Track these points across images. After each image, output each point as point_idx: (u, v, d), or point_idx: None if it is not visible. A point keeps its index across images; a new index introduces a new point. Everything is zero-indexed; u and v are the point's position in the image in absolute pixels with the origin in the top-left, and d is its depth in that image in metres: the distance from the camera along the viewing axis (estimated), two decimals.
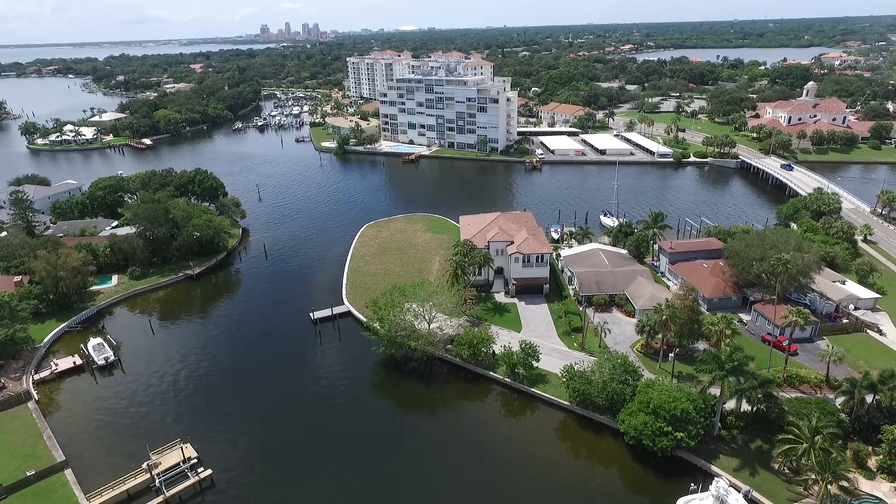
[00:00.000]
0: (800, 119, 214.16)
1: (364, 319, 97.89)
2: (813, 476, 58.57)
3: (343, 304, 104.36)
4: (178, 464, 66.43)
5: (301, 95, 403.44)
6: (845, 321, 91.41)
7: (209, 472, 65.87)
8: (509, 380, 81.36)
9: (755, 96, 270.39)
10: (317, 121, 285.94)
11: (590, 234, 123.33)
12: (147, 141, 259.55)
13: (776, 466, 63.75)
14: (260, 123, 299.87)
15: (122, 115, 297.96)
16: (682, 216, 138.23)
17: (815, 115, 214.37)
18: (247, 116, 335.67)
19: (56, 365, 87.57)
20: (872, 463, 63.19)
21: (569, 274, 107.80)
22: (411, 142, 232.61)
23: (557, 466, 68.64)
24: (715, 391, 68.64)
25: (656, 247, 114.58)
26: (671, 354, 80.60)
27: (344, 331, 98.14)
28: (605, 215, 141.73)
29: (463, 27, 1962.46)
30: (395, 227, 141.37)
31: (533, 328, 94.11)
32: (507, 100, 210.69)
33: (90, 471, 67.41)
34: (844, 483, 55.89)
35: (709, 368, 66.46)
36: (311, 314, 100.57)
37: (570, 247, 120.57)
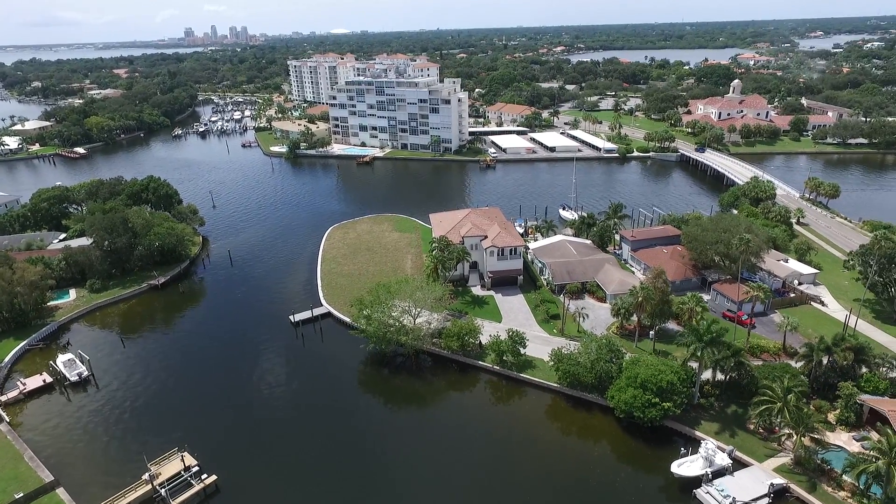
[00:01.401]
0: (728, 114, 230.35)
1: (346, 319, 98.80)
2: (787, 431, 64.98)
3: (322, 305, 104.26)
4: (179, 473, 65.20)
5: (241, 100, 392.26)
6: (792, 295, 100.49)
7: (214, 477, 65.07)
8: (498, 367, 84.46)
9: (685, 94, 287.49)
10: (262, 125, 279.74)
11: (553, 227, 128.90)
12: (80, 150, 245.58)
13: (752, 427, 70.03)
14: (201, 129, 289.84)
15: (48, 123, 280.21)
16: (635, 207, 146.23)
17: (741, 111, 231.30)
18: (184, 122, 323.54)
19: (24, 384, 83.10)
20: (832, 417, 70.54)
21: (539, 265, 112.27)
22: (363, 144, 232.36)
23: (554, 445, 72.30)
24: (692, 364, 74.37)
25: (618, 236, 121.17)
26: (651, 333, 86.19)
27: (325, 331, 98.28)
28: (564, 209, 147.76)
29: (396, 30, 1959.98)
30: (362, 227, 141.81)
31: (512, 318, 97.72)
32: (459, 100, 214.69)
33: (85, 488, 65.01)
34: (816, 435, 62.44)
35: (689, 341, 72.08)
36: (290, 317, 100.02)
37: (536, 240, 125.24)
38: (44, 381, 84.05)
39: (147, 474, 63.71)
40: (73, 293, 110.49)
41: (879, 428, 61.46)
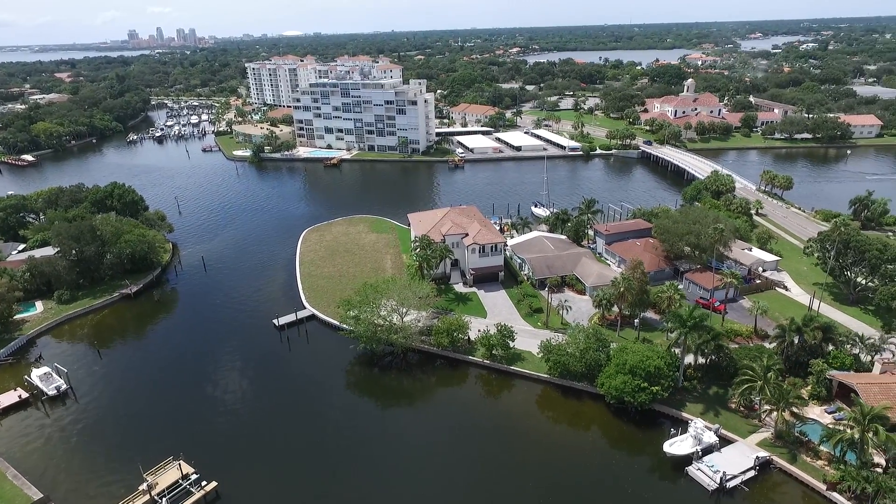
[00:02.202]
0: (684, 112, 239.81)
1: (331, 321, 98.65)
2: (767, 407, 69.00)
3: (305, 307, 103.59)
4: (177, 481, 63.99)
5: (196, 104, 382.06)
6: (758, 282, 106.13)
7: (214, 484, 64.14)
8: (488, 361, 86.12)
9: (641, 93, 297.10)
10: (222, 129, 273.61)
11: (529, 224, 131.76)
12: (28, 157, 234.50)
13: (734, 406, 73.96)
14: (158, 134, 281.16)
15: None
16: (604, 202, 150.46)
17: (696, 109, 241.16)
18: (137, 127, 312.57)
19: None
20: (804, 393, 75.02)
21: (519, 261, 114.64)
22: (329, 146, 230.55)
23: (548, 432, 74.48)
24: (675, 350, 77.85)
25: (591, 231, 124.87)
26: (636, 321, 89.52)
27: (311, 334, 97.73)
28: (536, 206, 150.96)
29: (350, 32, 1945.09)
30: (337, 230, 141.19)
31: (497, 313, 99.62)
32: (425, 101, 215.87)
33: (79, 502, 62.94)
34: (795, 409, 66.59)
35: (673, 327, 75.52)
36: (274, 321, 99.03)
37: (511, 237, 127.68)
38: (19, 396, 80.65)
39: (144, 484, 62.34)
40: (39, 305, 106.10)
41: (854, 399, 66.08)
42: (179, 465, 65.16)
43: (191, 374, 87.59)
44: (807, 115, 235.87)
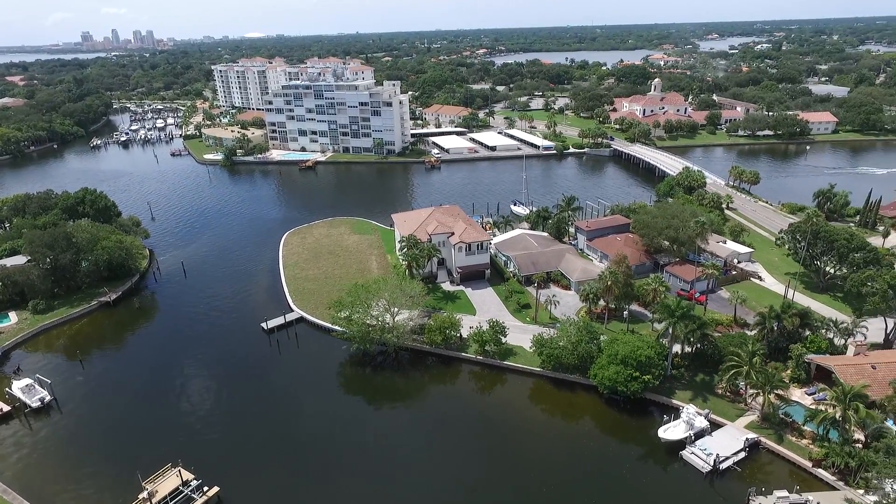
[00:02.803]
0: (652, 111, 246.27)
1: (321, 322, 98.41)
2: (752, 392, 72.03)
3: (293, 310, 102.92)
4: (177, 488, 63.08)
5: (160, 107, 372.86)
6: (734, 273, 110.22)
7: (216, 489, 63.48)
8: (481, 357, 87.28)
9: (609, 93, 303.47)
10: (190, 133, 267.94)
11: (511, 223, 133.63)
12: None
13: (720, 392, 76.93)
14: (123, 139, 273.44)
15: None
16: (581, 199, 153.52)
17: (663, 108, 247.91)
18: (100, 132, 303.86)
19: None
20: (785, 376, 78.54)
21: (504, 258, 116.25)
22: (303, 149, 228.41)
23: (544, 424, 76.11)
24: (663, 340, 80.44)
25: (572, 228, 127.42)
26: (625, 313, 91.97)
27: (300, 336, 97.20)
28: (516, 204, 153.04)
29: (314, 34, 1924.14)
30: (318, 232, 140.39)
31: (486, 310, 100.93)
32: (400, 103, 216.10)
33: None
34: (781, 392, 69.75)
35: (662, 317, 78.08)
36: (262, 324, 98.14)
37: (494, 235, 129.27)
38: (1, 409, 78.00)
39: (144, 493, 61.26)
40: (13, 316, 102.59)
41: (835, 379, 69.63)
42: (179, 471, 64.22)
43: (180, 380, 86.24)
44: (767, 113, 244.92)
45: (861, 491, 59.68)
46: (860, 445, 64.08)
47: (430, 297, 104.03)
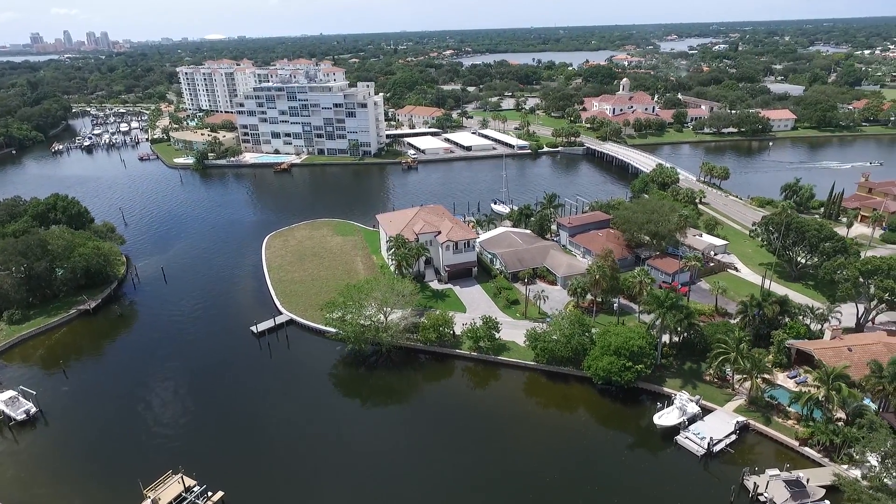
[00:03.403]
0: (621, 110, 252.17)
1: (312, 324, 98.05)
2: (740, 376, 75.04)
3: (282, 313, 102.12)
4: (180, 495, 62.23)
5: (123, 111, 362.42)
6: (711, 265, 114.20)
7: (220, 494, 62.84)
8: (475, 353, 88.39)
9: (578, 93, 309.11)
10: (157, 137, 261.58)
11: (493, 221, 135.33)
12: None
13: (708, 378, 79.91)
14: (86, 143, 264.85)
15: None
16: (560, 197, 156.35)
17: (632, 107, 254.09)
18: (60, 137, 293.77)
19: None
20: (768, 361, 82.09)
21: (489, 256, 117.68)
22: (277, 151, 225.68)
23: (541, 416, 77.70)
24: (652, 331, 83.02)
25: (554, 225, 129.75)
26: (615, 305, 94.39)
27: (291, 339, 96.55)
28: (496, 203, 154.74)
29: (276, 35, 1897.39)
30: (300, 234, 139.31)
31: (476, 307, 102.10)
32: (375, 104, 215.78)
33: None
34: (767, 376, 72.97)
35: (652, 308, 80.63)
36: (252, 328, 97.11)
37: (478, 233, 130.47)
38: None
39: (147, 501, 60.30)
40: None
41: (817, 363, 73.20)
42: (182, 478, 63.33)
43: (171, 386, 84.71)
44: (731, 111, 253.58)
45: (845, 466, 63.05)
46: (842, 423, 67.54)
47: (420, 296, 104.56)
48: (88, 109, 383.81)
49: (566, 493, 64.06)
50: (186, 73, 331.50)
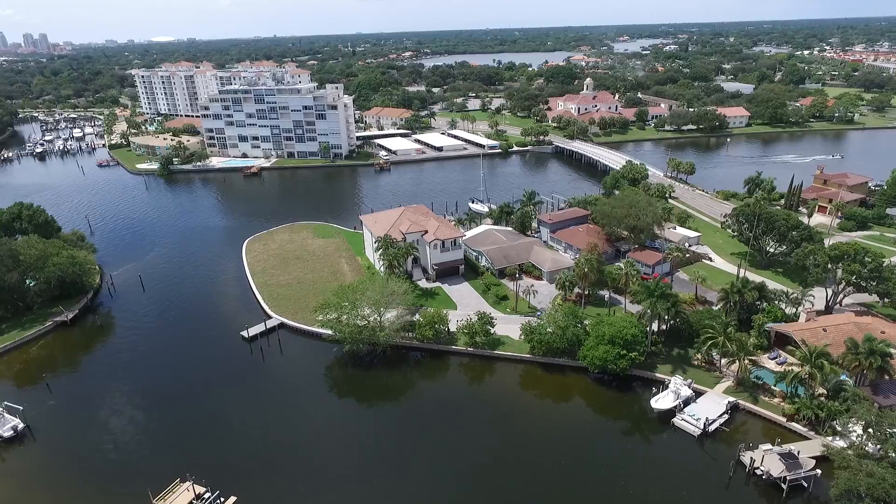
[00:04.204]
0: (586, 109, 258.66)
1: (304, 327, 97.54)
2: (728, 359, 78.92)
3: (272, 316, 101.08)
4: (191, 502, 61.30)
5: (75, 116, 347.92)
6: (688, 255, 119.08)
7: (233, 499, 62.21)
8: (471, 349, 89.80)
9: (542, 93, 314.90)
10: (115, 142, 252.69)
11: (474, 220, 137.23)
12: None
13: (696, 363, 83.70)
14: (38, 150, 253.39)
15: None
16: (538, 194, 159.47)
17: (596, 106, 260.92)
18: (7, 144, 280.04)
19: None
20: (749, 344, 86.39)
21: (474, 254, 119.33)
22: (244, 155, 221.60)
23: (540, 407, 79.88)
24: (642, 320, 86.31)
25: (535, 223, 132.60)
26: (607, 297, 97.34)
27: (283, 342, 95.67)
28: (474, 202, 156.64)
29: (227, 37, 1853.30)
30: (280, 238, 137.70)
31: (466, 304, 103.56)
32: (345, 105, 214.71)
33: None
34: (754, 358, 77.06)
35: (641, 298, 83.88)
36: (242, 333, 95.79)
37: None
38: None
39: None
40: None
41: (801, 343, 77.73)
42: (192, 485, 62.35)
43: (164, 395, 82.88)
44: (689, 109, 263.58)
45: (830, 437, 67.41)
46: (824, 399, 72.04)
47: (413, 294, 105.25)
48: (36, 115, 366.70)
49: (572, 479, 66.16)
50: (143, 77, 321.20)
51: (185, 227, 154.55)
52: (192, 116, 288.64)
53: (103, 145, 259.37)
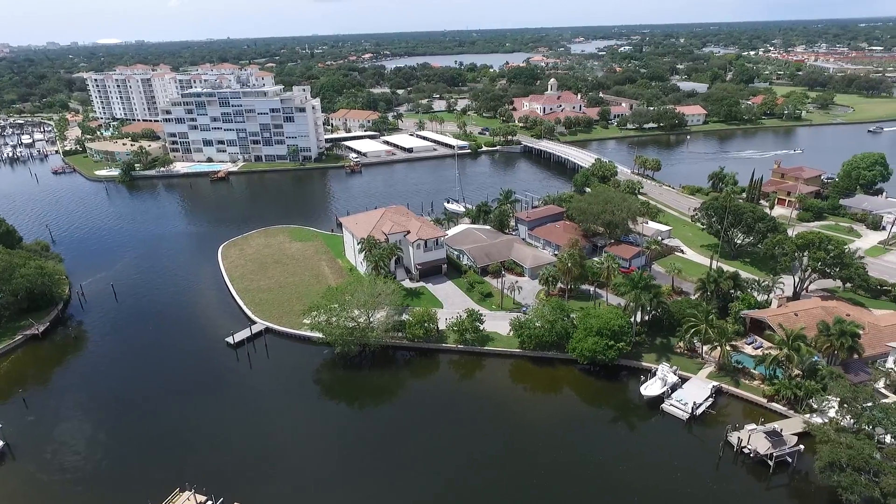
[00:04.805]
0: (551, 109, 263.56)
1: (291, 331, 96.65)
2: (709, 346, 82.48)
3: (257, 322, 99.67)
4: None
5: (21, 122, 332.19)
6: (660, 248, 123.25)
7: None
8: (461, 346, 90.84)
9: (506, 93, 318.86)
10: (69, 149, 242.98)
11: (452, 220, 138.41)
12: None
13: (678, 350, 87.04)
14: None
15: None
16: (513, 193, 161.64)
17: (560, 105, 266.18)
18: None
19: None
20: (730, 330, 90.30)
21: (455, 252, 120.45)
22: (210, 160, 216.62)
23: (532, 400, 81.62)
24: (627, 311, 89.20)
25: (512, 221, 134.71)
26: (591, 290, 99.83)
27: (270, 347, 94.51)
28: (449, 202, 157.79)
29: (178, 39, 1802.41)
30: (256, 242, 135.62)
31: (452, 302, 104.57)
32: (313, 108, 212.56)
33: None
34: (735, 343, 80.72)
35: (626, 290, 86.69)
36: (228, 339, 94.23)
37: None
38: None
39: None
40: None
41: (776, 327, 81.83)
42: (193, 494, 61.23)
43: (152, 405, 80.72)
44: (650, 108, 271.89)
45: (808, 415, 71.40)
46: (799, 379, 76.13)
47: (401, 294, 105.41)
48: None
49: (569, 468, 67.82)
50: (96, 80, 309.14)
51: (153, 235, 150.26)
52: (151, 121, 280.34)
53: (56, 152, 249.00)
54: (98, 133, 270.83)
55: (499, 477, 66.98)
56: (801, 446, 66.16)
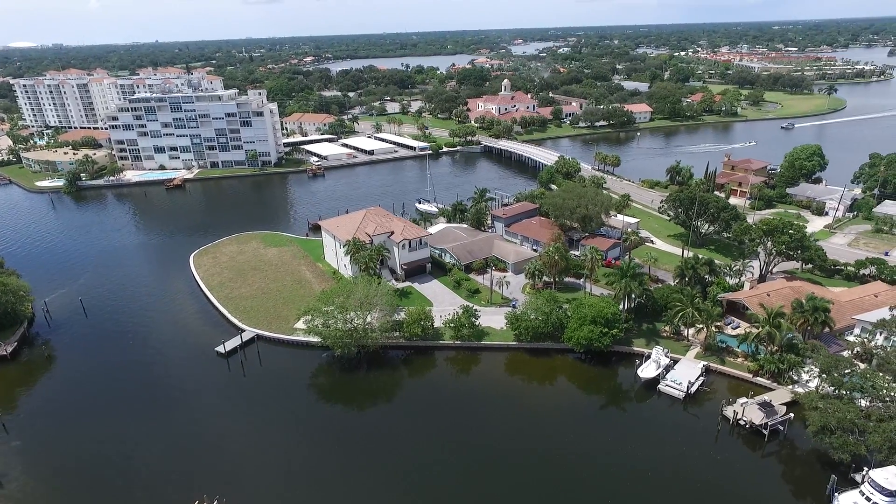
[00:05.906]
0: (506, 109, 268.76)
1: (282, 337, 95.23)
2: (695, 328, 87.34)
3: (245, 329, 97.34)
4: None
5: None
6: (633, 239, 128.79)
7: None
8: (457, 342, 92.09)
9: (459, 95, 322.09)
10: (2, 159, 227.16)
11: (429, 220, 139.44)
12: None
13: (665, 334, 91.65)
14: None
15: None
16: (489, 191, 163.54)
17: (515, 105, 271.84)
18: None
19: None
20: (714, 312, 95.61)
21: (437, 251, 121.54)
22: (162, 167, 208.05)
23: (532, 390, 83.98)
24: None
25: (489, 218, 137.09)
26: (581, 281, 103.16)
27: (262, 354, 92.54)
28: (421, 202, 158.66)
29: (100, 43, 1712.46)
30: (229, 250, 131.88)
31: (441, 300, 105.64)
32: (270, 111, 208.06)
33: None
34: (719, 324, 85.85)
35: (616, 279, 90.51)
36: (218, 348, 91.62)
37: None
38: None
39: None
40: None
41: (754, 308, 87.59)
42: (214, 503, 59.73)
43: (148, 420, 77.56)
44: (599, 107, 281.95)
45: (790, 386, 77.13)
46: (780, 354, 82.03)
47: (394, 295, 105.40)
48: None
49: (578, 450, 70.34)
50: (25, 86, 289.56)
51: (113, 246, 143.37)
52: (91, 128, 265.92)
53: None
54: (32, 142, 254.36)
55: (511, 467, 68.32)
56: (791, 415, 71.40)
